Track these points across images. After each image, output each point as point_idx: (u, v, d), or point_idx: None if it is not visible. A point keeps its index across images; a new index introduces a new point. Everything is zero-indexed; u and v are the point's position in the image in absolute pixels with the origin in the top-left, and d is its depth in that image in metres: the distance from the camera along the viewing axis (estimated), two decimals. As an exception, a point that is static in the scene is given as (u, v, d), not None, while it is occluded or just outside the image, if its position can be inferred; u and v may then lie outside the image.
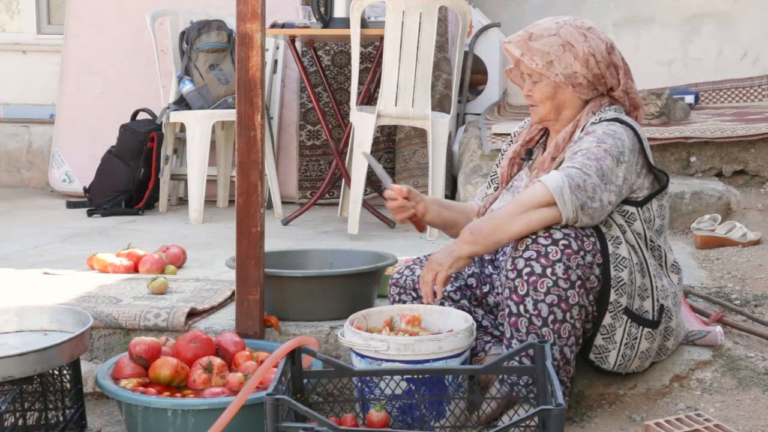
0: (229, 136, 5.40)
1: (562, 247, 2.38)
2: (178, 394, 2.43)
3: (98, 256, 3.60)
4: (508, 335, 2.46)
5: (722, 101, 6.33)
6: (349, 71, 5.36)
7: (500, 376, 2.45)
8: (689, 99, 5.96)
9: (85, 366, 2.76)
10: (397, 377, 2.34)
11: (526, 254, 2.39)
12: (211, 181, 5.44)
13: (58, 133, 5.94)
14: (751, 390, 2.64)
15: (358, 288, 2.93)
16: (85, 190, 5.45)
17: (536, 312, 2.39)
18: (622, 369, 2.55)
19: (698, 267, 3.75)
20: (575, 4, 6.64)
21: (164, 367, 2.46)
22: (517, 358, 2.38)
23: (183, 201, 5.62)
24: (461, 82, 5.47)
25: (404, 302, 2.71)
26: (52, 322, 2.61)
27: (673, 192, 4.41)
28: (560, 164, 2.54)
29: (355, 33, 4.32)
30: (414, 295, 2.70)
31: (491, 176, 2.85)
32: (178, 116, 5.08)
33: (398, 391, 2.35)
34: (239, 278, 2.77)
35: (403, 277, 2.72)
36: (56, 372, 2.50)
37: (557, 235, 2.39)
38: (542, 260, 2.38)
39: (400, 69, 4.29)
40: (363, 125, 4.36)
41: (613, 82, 2.59)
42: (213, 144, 5.39)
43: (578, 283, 2.39)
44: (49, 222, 4.99)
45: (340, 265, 3.11)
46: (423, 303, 2.61)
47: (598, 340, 2.49)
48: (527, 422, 2.04)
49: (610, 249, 2.44)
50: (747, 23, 6.48)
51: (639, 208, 2.52)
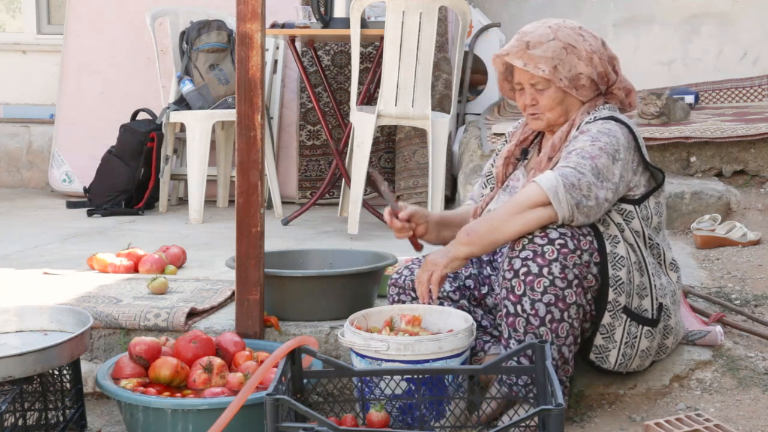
0: (229, 136, 5.40)
1: (558, 247, 2.37)
2: (178, 394, 2.43)
3: (98, 256, 3.60)
4: (506, 335, 2.46)
5: (722, 101, 6.33)
6: (349, 71, 5.36)
7: (499, 377, 2.45)
8: (689, 99, 5.96)
9: (85, 366, 2.76)
10: (397, 377, 2.34)
11: (523, 254, 2.40)
12: (211, 181, 5.44)
13: (58, 133, 5.94)
14: (751, 390, 2.64)
15: (358, 288, 2.93)
16: (85, 190, 5.45)
17: (533, 312, 2.39)
18: (623, 368, 2.55)
19: (698, 267, 3.75)
20: (575, 4, 6.64)
21: (164, 367, 2.46)
22: (516, 358, 2.38)
23: (183, 201, 5.62)
24: (461, 82, 5.47)
25: (403, 302, 2.71)
26: (52, 322, 2.61)
27: (673, 192, 4.41)
28: (557, 164, 2.54)
29: (355, 33, 4.32)
30: (413, 295, 2.70)
31: (486, 176, 2.84)
32: (178, 116, 5.08)
33: (398, 391, 2.35)
34: (239, 278, 2.77)
35: (402, 277, 2.72)
36: (56, 372, 2.50)
37: (553, 234, 2.39)
38: (539, 260, 2.38)
39: (400, 69, 4.29)
40: (363, 125, 4.36)
41: (614, 76, 2.60)
42: (213, 144, 5.39)
43: (575, 282, 2.39)
44: (49, 222, 4.99)
45: (340, 265, 3.11)
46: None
47: (598, 340, 2.49)
48: (527, 422, 2.04)
49: (608, 248, 2.44)
50: (747, 23, 6.48)
51: (636, 206, 2.52)
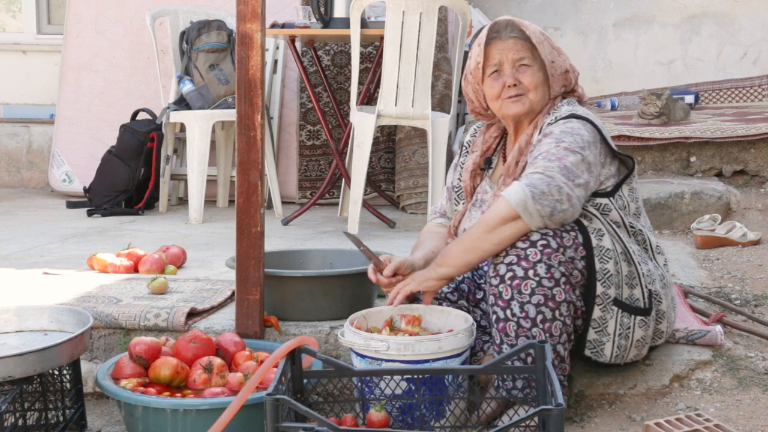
0: (229, 136, 5.40)
1: (540, 248, 2.38)
2: (178, 394, 2.43)
3: (98, 256, 3.60)
4: (497, 341, 2.45)
5: (722, 101, 6.33)
6: (349, 71, 5.36)
7: (496, 383, 2.45)
8: (689, 99, 5.96)
9: (85, 366, 2.76)
10: (397, 377, 2.34)
11: (507, 259, 2.40)
12: (211, 181, 5.44)
13: (58, 133, 5.94)
14: (751, 390, 2.64)
15: (358, 288, 2.93)
16: (85, 190, 5.45)
17: (524, 314, 2.39)
18: (619, 360, 2.54)
19: (698, 267, 3.75)
20: (575, 3, 6.64)
21: (164, 367, 2.46)
22: (516, 358, 2.38)
23: (183, 201, 5.62)
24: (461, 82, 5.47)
25: (402, 303, 2.71)
26: (52, 322, 2.61)
27: (673, 192, 4.42)
28: (523, 168, 2.54)
29: (355, 33, 4.32)
30: (412, 296, 2.70)
31: (455, 190, 2.79)
32: (178, 116, 5.08)
33: (398, 391, 2.35)
34: (239, 278, 2.77)
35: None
36: (56, 372, 2.50)
37: (534, 236, 2.39)
38: (523, 263, 2.38)
39: (400, 69, 4.29)
40: (363, 125, 4.37)
41: (572, 78, 2.62)
42: (213, 144, 5.39)
43: (563, 279, 2.39)
44: (49, 222, 4.99)
45: (340, 265, 3.11)
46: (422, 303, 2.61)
47: (591, 335, 2.48)
48: (527, 422, 2.04)
49: (594, 242, 2.44)
50: (747, 23, 6.48)
51: (611, 198, 2.53)
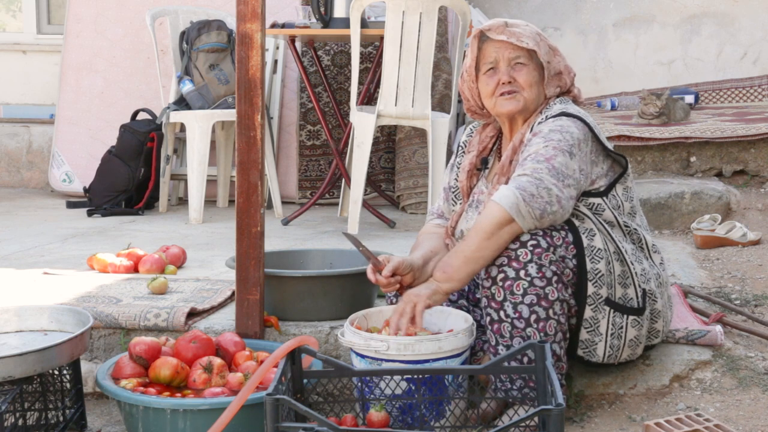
0: (229, 136, 5.40)
1: (531, 248, 2.38)
2: (178, 394, 2.43)
3: (98, 256, 3.60)
4: (493, 342, 2.45)
5: (722, 101, 6.33)
6: (349, 71, 5.36)
7: (494, 384, 2.45)
8: (689, 99, 5.96)
9: (85, 366, 2.76)
10: (397, 377, 2.34)
11: (498, 261, 2.41)
12: (211, 181, 5.44)
13: (58, 133, 5.94)
14: (751, 390, 2.64)
15: (358, 288, 2.93)
16: (85, 190, 5.45)
17: (517, 315, 2.39)
18: (612, 360, 2.54)
19: (698, 267, 3.75)
20: (575, 3, 6.64)
21: (164, 367, 2.46)
22: (516, 358, 2.38)
23: (183, 201, 5.62)
24: (461, 82, 5.46)
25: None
26: (52, 322, 2.61)
27: (673, 192, 4.42)
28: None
29: (355, 33, 4.32)
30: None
31: (452, 191, 2.79)
32: (178, 116, 5.08)
33: (398, 391, 2.35)
34: (239, 278, 2.77)
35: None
36: (56, 372, 2.50)
37: (524, 237, 2.40)
38: (514, 264, 2.38)
39: (400, 69, 4.29)
40: (363, 125, 4.36)
41: (567, 81, 2.62)
42: (213, 144, 5.39)
43: (554, 278, 2.39)
44: (49, 222, 4.99)
45: (340, 265, 3.11)
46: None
47: (583, 335, 2.48)
48: (527, 422, 2.04)
49: (585, 242, 2.44)
50: (747, 23, 6.48)
51: (604, 198, 2.52)
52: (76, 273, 3.57)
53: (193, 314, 2.94)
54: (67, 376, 2.53)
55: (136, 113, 5.48)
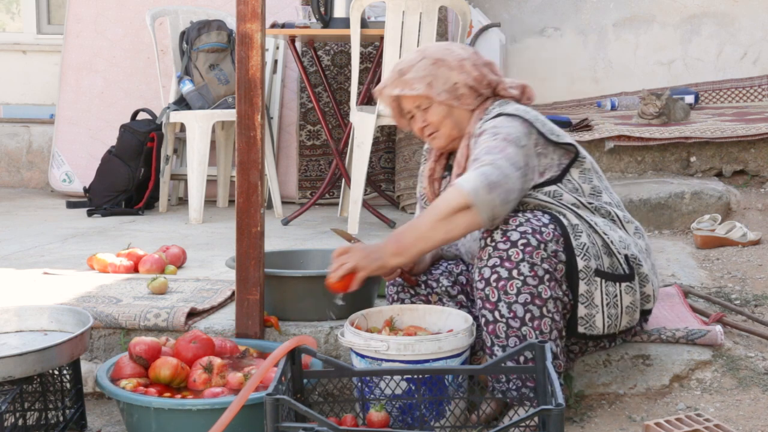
0: (229, 136, 5.41)
1: (521, 247, 2.38)
2: (178, 394, 2.43)
3: (98, 256, 3.60)
4: (488, 344, 2.45)
5: (722, 101, 6.33)
6: (349, 71, 5.36)
7: (491, 384, 2.45)
8: (689, 99, 5.96)
9: (85, 366, 2.76)
10: (397, 377, 2.34)
11: (491, 262, 2.41)
12: (211, 181, 5.44)
13: (58, 133, 5.94)
14: (751, 390, 2.64)
15: (358, 288, 2.93)
16: (85, 190, 5.45)
17: (512, 314, 2.39)
18: (613, 329, 2.53)
19: (698, 267, 3.75)
20: (575, 3, 6.64)
21: (164, 367, 2.46)
22: (516, 358, 2.38)
23: (183, 201, 5.62)
24: (461, 82, 5.46)
25: (403, 301, 2.71)
26: (52, 322, 2.61)
27: (673, 192, 4.42)
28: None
29: (355, 33, 4.32)
30: (412, 292, 2.71)
31: (422, 198, 2.83)
32: (178, 116, 5.08)
33: (398, 391, 2.35)
34: (239, 278, 2.77)
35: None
36: (56, 372, 2.50)
37: (514, 236, 2.39)
38: (506, 264, 2.38)
39: (400, 69, 4.28)
40: (363, 125, 4.37)
41: (494, 77, 2.61)
42: (213, 144, 5.39)
43: (546, 276, 2.39)
44: (49, 222, 4.99)
45: (340, 265, 3.11)
46: (419, 302, 2.61)
47: (581, 311, 2.48)
48: (527, 422, 2.04)
49: (564, 222, 2.45)
50: (747, 23, 6.48)
51: (559, 184, 2.53)
52: (76, 273, 3.57)
53: (193, 314, 2.94)
54: (67, 376, 2.53)
55: (136, 113, 5.48)
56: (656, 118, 5.14)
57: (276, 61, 5.57)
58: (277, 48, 5.56)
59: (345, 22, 4.54)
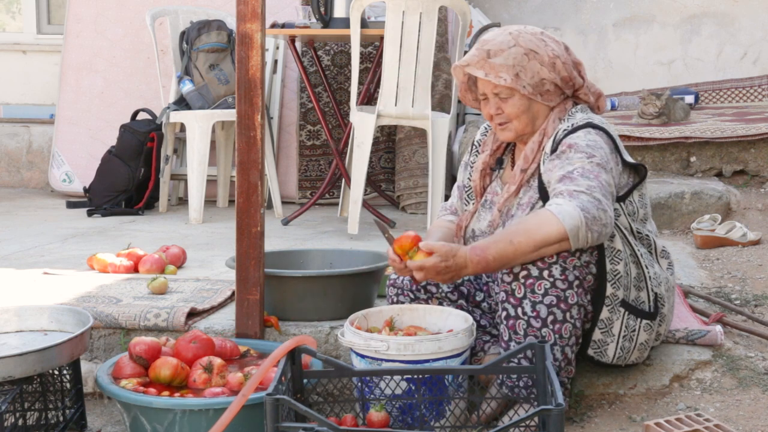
0: (229, 136, 5.40)
1: None
2: (178, 394, 2.43)
3: (98, 256, 3.60)
4: (505, 338, 2.45)
5: (722, 101, 6.33)
6: (349, 71, 5.36)
7: (500, 378, 2.45)
8: (689, 99, 5.96)
9: (85, 366, 2.76)
10: (397, 377, 2.34)
11: None
12: (211, 181, 5.44)
13: (58, 133, 5.94)
14: (751, 390, 2.64)
15: (358, 288, 2.93)
16: (85, 190, 5.45)
17: (535, 314, 2.39)
18: (621, 361, 2.55)
19: (698, 267, 3.75)
20: (575, 3, 6.64)
21: (164, 367, 2.46)
22: (516, 359, 2.38)
23: (183, 201, 5.62)
24: (461, 82, 5.46)
25: (402, 303, 2.71)
26: (52, 322, 2.61)
27: (673, 192, 4.42)
28: (531, 176, 2.53)
29: (355, 33, 4.32)
30: (412, 296, 2.70)
31: (465, 190, 2.77)
32: (178, 116, 5.08)
33: (398, 391, 2.35)
34: (239, 278, 2.77)
35: (401, 278, 2.71)
36: (56, 372, 2.50)
37: None
38: (539, 263, 2.37)
39: (400, 69, 4.29)
40: (363, 125, 4.37)
41: (580, 81, 2.58)
42: (213, 144, 5.39)
43: (576, 283, 2.39)
44: (49, 222, 4.99)
45: (340, 265, 3.11)
46: (421, 303, 2.61)
47: (597, 335, 2.48)
48: (527, 422, 2.04)
49: (605, 243, 2.43)
50: (747, 23, 6.48)
51: (621, 203, 2.52)
52: (76, 273, 3.57)
53: (193, 314, 2.94)
54: (67, 376, 2.53)
55: (136, 113, 5.48)
56: (656, 118, 5.14)
57: (276, 61, 5.57)
58: (277, 48, 5.56)
59: (345, 22, 4.54)
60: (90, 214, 5.20)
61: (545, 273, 2.37)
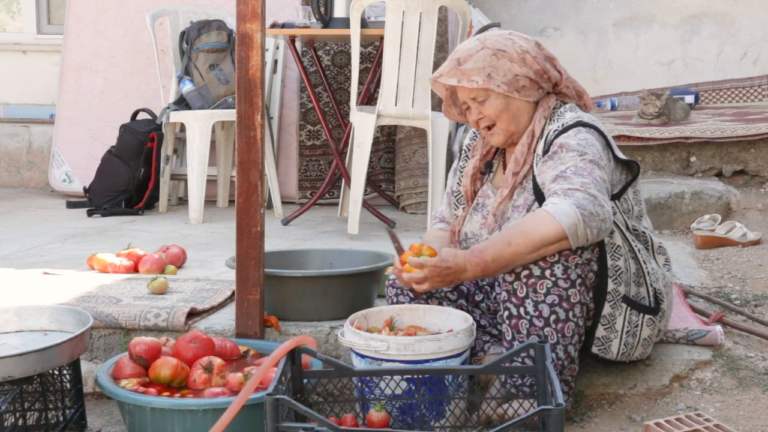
0: (229, 136, 5.41)
1: None
2: (178, 394, 2.43)
3: (98, 256, 3.60)
4: (508, 337, 2.45)
5: (722, 101, 6.33)
6: (349, 71, 5.36)
7: (503, 379, 2.45)
8: (689, 99, 5.96)
9: (85, 366, 2.76)
10: (397, 377, 2.34)
11: None
12: (211, 181, 5.44)
13: (58, 133, 5.94)
14: (751, 390, 2.64)
15: (358, 288, 2.93)
16: (85, 190, 5.45)
17: (537, 313, 2.39)
18: (625, 357, 2.55)
19: (698, 267, 3.75)
20: (575, 3, 6.64)
21: (164, 367, 2.46)
22: (519, 358, 2.38)
23: (183, 201, 5.62)
24: (461, 82, 5.46)
25: (402, 303, 2.70)
26: (52, 322, 2.61)
27: (673, 192, 4.42)
28: (524, 178, 2.52)
29: (355, 33, 4.32)
30: (411, 295, 2.70)
31: (455, 195, 2.77)
32: (178, 116, 5.08)
33: (398, 391, 2.35)
34: (239, 278, 2.77)
35: (400, 279, 2.71)
36: (56, 372, 2.50)
37: None
38: (540, 262, 2.38)
39: (400, 69, 4.29)
40: (363, 125, 4.37)
41: (556, 74, 2.57)
42: (213, 144, 5.39)
43: (578, 281, 2.39)
44: (49, 222, 4.99)
45: (340, 265, 3.11)
46: (420, 303, 2.61)
47: (600, 332, 2.49)
48: (527, 422, 2.04)
49: (606, 239, 2.43)
50: (747, 23, 6.48)
51: (616, 201, 2.52)
52: (76, 273, 3.57)
53: (193, 314, 2.94)
54: (67, 376, 2.53)
55: (136, 113, 5.48)
56: (656, 118, 5.14)
57: (276, 61, 5.57)
58: (277, 48, 5.56)
59: (345, 22, 4.54)
60: (90, 214, 5.21)
61: (547, 272, 2.37)
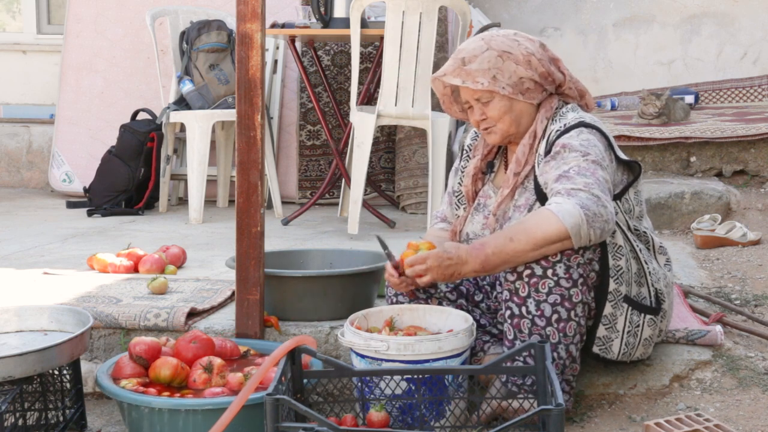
0: (229, 136, 5.41)
1: None
2: (178, 394, 2.43)
3: (98, 256, 3.60)
4: (510, 337, 2.45)
5: (722, 101, 6.33)
6: (349, 71, 5.36)
7: (503, 379, 2.45)
8: (689, 99, 5.96)
9: (85, 366, 2.76)
10: (397, 377, 2.34)
11: None
12: (211, 181, 5.44)
13: (58, 133, 5.94)
14: (751, 390, 2.64)
15: (358, 288, 2.93)
16: (85, 190, 5.45)
17: (539, 312, 2.39)
18: (626, 357, 2.55)
19: (698, 267, 3.75)
20: (575, 3, 6.64)
21: (164, 367, 2.46)
22: (521, 357, 2.38)
23: (183, 201, 5.62)
24: (461, 82, 5.46)
25: (402, 303, 2.70)
26: (52, 322, 2.61)
27: (673, 192, 4.42)
28: (525, 178, 2.52)
29: (355, 33, 4.32)
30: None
31: (456, 195, 2.77)
32: (178, 116, 5.08)
33: (398, 391, 2.35)
34: (239, 278, 2.77)
35: (400, 278, 2.70)
36: (56, 372, 2.50)
37: None
38: (542, 261, 2.38)
39: (400, 69, 4.29)
40: (363, 125, 4.37)
41: (560, 76, 2.57)
42: (213, 144, 5.39)
43: (580, 281, 2.39)
44: (49, 222, 4.99)
45: (340, 265, 3.11)
46: (420, 303, 2.61)
47: (601, 331, 2.49)
48: (527, 422, 2.04)
49: (607, 239, 2.44)
50: (747, 23, 6.48)
51: (618, 201, 2.52)
52: (76, 273, 3.57)
53: (193, 314, 2.94)
54: (67, 376, 2.53)
55: (136, 113, 5.48)
56: (656, 118, 5.14)
57: (276, 61, 5.57)
58: (277, 48, 5.56)
59: (345, 22, 4.54)
60: (90, 214, 5.21)
61: (549, 272, 2.37)
